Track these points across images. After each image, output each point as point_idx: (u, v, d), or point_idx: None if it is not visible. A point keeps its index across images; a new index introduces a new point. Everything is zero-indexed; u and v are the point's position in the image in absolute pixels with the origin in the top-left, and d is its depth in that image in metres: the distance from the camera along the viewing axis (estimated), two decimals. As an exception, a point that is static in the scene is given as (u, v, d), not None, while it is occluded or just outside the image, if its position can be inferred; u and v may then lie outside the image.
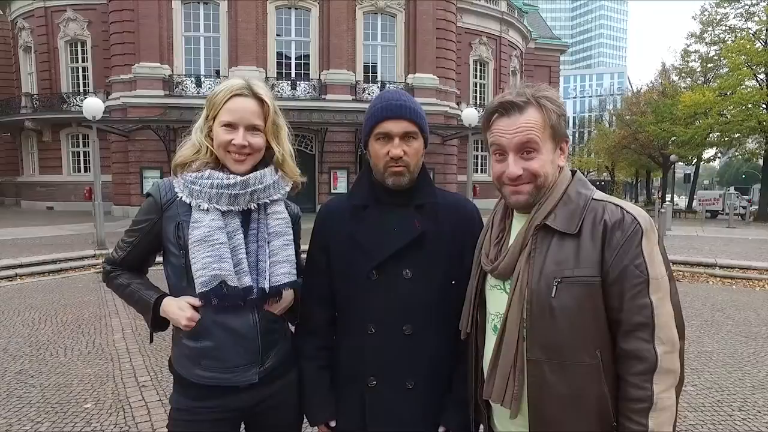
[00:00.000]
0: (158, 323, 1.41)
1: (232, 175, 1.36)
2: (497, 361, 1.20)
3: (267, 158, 1.43)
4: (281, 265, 1.39)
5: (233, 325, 1.37)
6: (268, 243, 1.40)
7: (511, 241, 1.25)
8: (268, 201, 1.41)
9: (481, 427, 1.41)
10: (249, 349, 1.39)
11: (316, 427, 1.52)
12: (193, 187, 1.35)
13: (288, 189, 1.47)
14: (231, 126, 1.34)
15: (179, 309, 1.35)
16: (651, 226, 1.13)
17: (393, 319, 1.37)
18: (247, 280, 1.34)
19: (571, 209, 1.17)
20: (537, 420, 1.15)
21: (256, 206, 1.39)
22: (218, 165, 1.39)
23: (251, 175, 1.37)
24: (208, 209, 1.33)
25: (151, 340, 1.55)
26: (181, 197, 1.36)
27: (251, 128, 1.36)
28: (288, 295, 1.45)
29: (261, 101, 1.37)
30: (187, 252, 1.34)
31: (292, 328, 1.59)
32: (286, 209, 1.48)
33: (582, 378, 1.11)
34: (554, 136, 1.20)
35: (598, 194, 1.21)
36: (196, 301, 1.35)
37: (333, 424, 1.45)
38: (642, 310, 1.08)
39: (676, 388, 1.09)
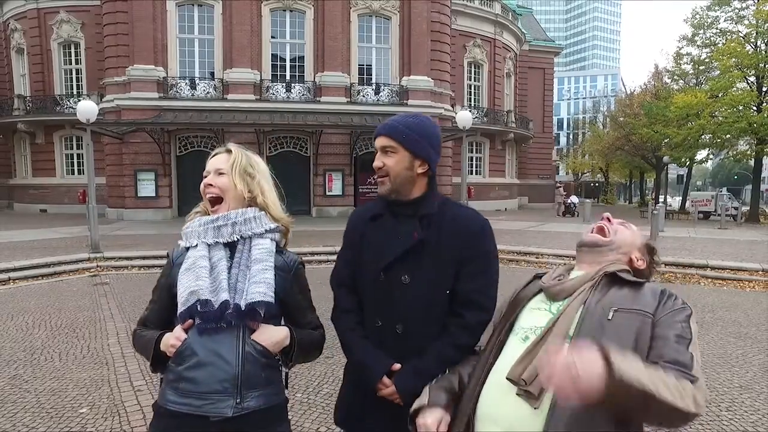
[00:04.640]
0: (159, 361, 1.48)
1: (215, 214, 1.54)
2: (533, 352, 1.23)
3: (252, 204, 1.57)
4: (258, 285, 1.43)
5: (215, 346, 1.41)
6: (249, 268, 1.48)
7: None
8: (251, 234, 1.51)
9: None
10: (227, 372, 1.39)
11: None
12: (186, 230, 1.56)
13: (273, 226, 1.55)
14: (206, 175, 1.57)
15: (170, 335, 1.46)
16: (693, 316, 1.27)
17: (390, 318, 1.51)
18: (223, 296, 1.41)
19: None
20: (558, 417, 1.16)
21: (241, 239, 1.51)
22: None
23: (233, 210, 1.53)
24: (197, 245, 1.50)
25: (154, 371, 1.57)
26: (184, 246, 1.54)
27: (217, 172, 1.56)
28: (280, 332, 1.48)
29: (229, 152, 1.58)
30: None
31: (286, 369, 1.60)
32: (281, 256, 1.55)
33: None
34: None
35: None
36: (183, 330, 1.44)
37: (397, 366, 1.47)
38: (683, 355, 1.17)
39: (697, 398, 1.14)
